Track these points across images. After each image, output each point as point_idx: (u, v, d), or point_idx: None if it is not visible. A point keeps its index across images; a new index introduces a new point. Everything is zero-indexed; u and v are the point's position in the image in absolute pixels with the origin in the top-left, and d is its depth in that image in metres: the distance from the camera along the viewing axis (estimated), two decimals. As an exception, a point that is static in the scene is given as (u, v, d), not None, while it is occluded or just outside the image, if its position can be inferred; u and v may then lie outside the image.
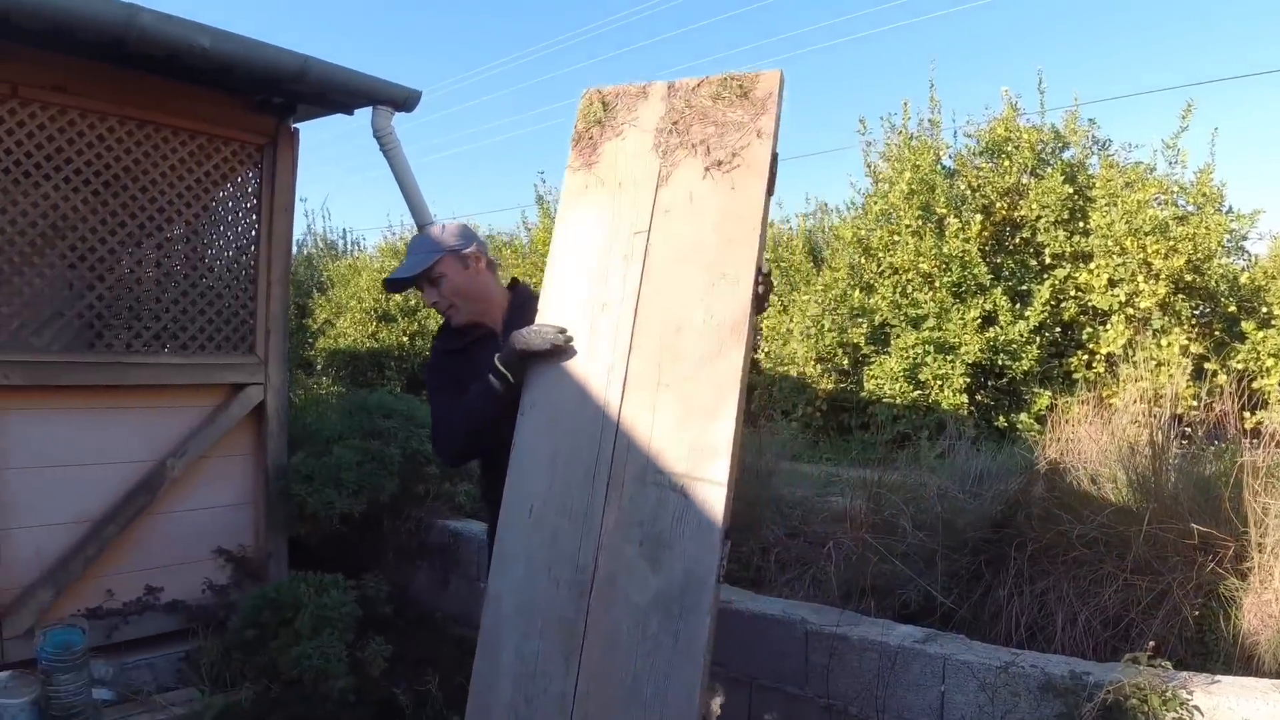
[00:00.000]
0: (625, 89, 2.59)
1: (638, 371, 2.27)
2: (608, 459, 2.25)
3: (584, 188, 2.55)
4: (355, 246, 17.79)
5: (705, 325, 2.20)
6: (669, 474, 2.15)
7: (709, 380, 2.16)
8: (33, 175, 3.78)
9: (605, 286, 2.40)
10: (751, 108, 2.31)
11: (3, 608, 3.65)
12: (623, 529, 2.19)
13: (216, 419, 4.17)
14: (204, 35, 3.60)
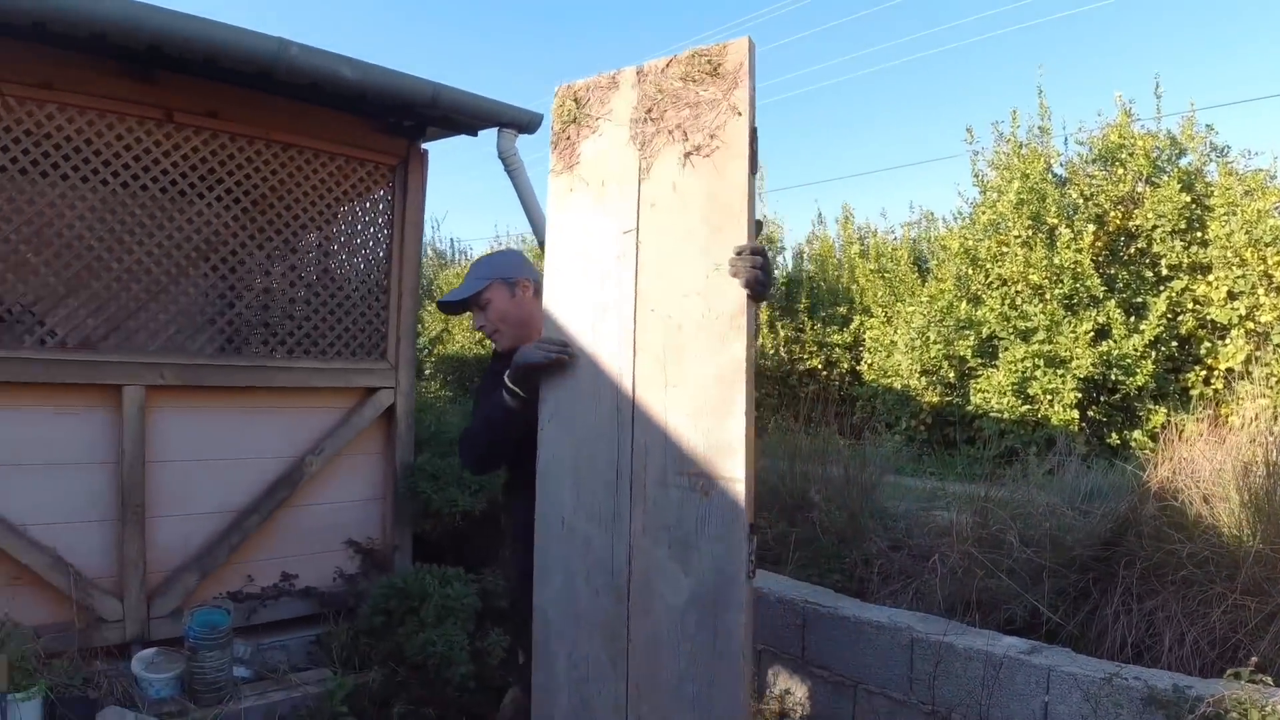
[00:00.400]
0: (596, 81, 2.48)
1: (645, 373, 2.23)
2: (628, 464, 2.24)
3: (569, 190, 2.49)
4: (463, 256, 18.37)
5: (705, 319, 2.13)
6: (687, 475, 2.13)
7: (715, 376, 2.10)
8: (188, 194, 4.14)
9: (603, 289, 2.35)
10: (723, 83, 2.16)
11: (151, 589, 4.00)
12: (651, 533, 2.18)
13: (351, 420, 4.49)
14: (346, 66, 3.90)
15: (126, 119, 3.95)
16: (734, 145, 2.12)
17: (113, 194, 3.96)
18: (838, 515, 4.59)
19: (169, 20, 3.52)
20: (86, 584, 3.78)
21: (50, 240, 3.83)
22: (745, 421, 2.05)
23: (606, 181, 2.39)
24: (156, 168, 4.00)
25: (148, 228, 4.02)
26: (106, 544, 3.88)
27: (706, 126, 2.17)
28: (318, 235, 4.76)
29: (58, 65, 3.74)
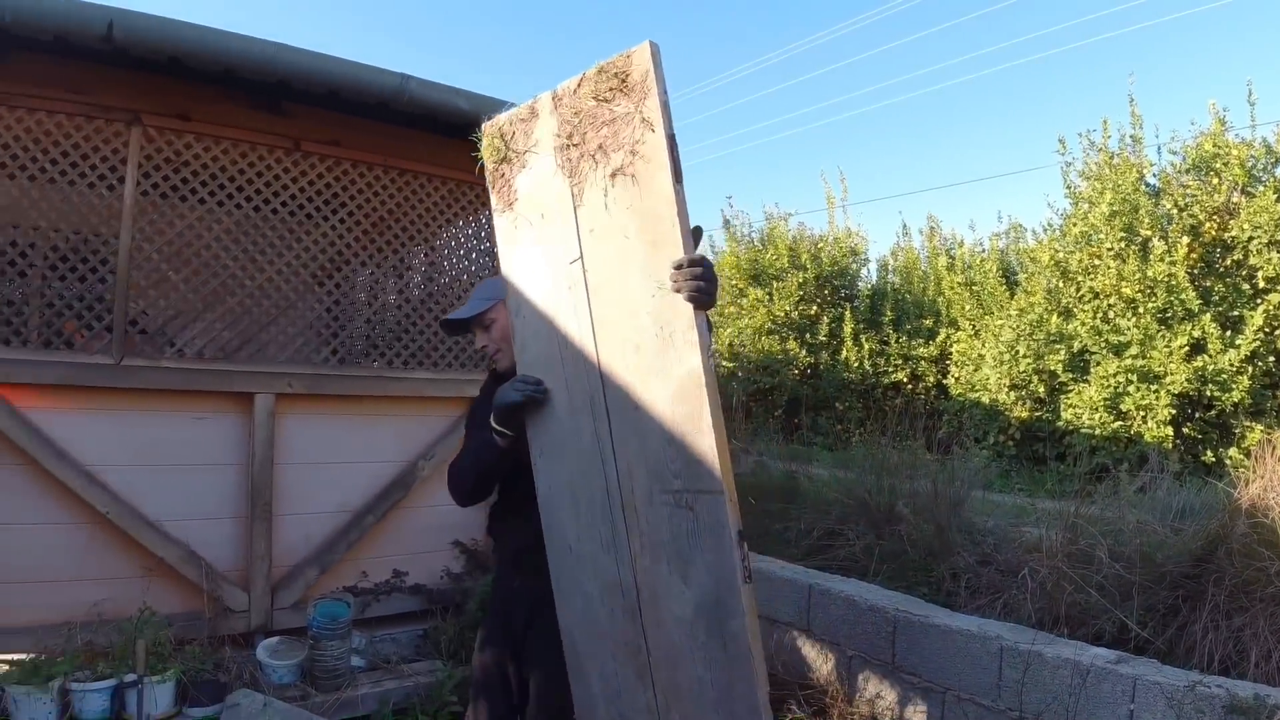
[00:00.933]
0: (515, 114, 2.42)
1: (615, 399, 2.21)
2: (616, 488, 2.23)
3: (513, 228, 2.46)
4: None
5: (659, 338, 2.09)
6: (671, 493, 2.11)
7: (677, 392, 2.06)
8: (314, 217, 4.45)
9: (563, 321, 2.33)
10: (633, 95, 2.08)
11: (275, 582, 4.30)
12: (649, 551, 2.18)
13: (459, 427, 4.72)
14: (461, 97, 4.16)
15: (258, 148, 4.28)
16: (654, 158, 2.06)
17: (245, 217, 4.28)
18: (925, 529, 4.63)
19: (297, 58, 3.83)
20: (216, 576, 4.09)
21: (189, 260, 4.17)
22: (714, 434, 2.01)
23: (545, 214, 2.36)
24: (285, 193, 4.32)
25: (277, 248, 4.34)
26: (235, 539, 4.20)
27: (625, 143, 2.12)
28: (433, 255, 5.03)
29: (193, 99, 4.08)
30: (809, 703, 3.77)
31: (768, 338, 11.60)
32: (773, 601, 4.20)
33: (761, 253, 12.32)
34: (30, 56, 3.68)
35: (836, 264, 12.00)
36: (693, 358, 2.02)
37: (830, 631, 3.91)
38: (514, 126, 2.42)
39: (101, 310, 3.94)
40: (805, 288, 11.74)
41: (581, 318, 2.28)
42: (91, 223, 4.07)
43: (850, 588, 3.96)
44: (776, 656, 4.04)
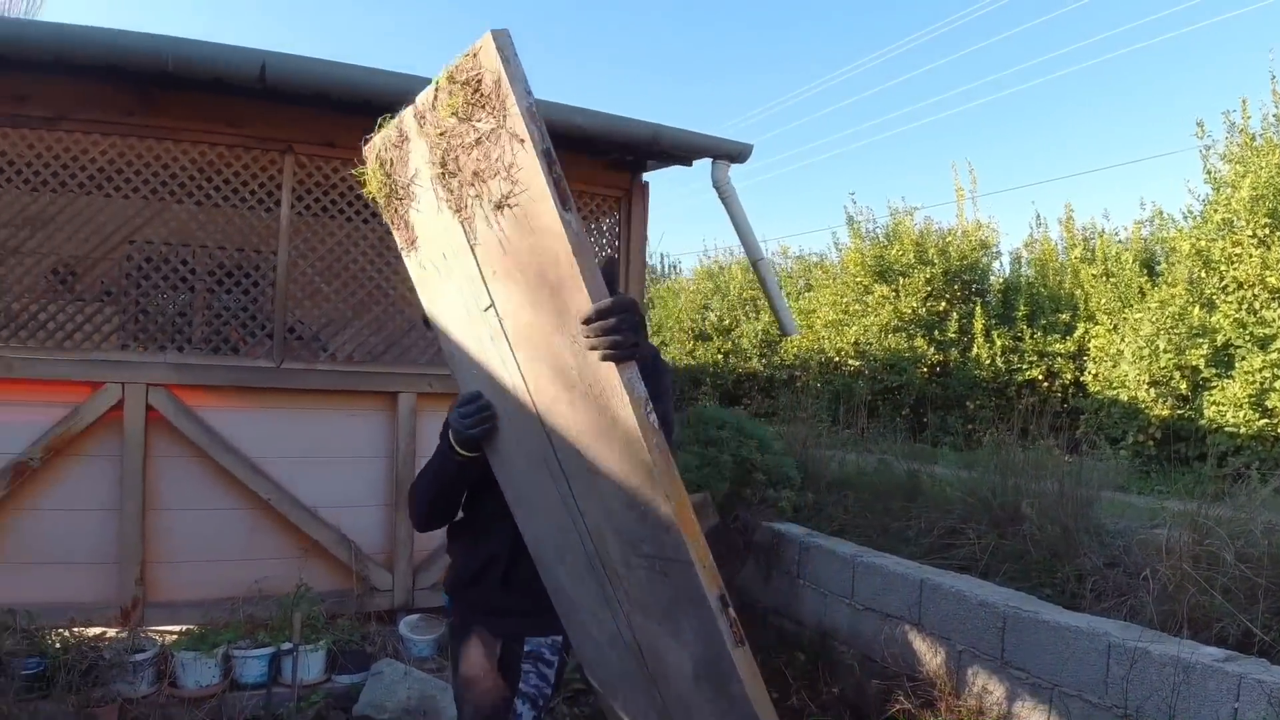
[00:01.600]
0: (386, 139, 2.01)
1: (567, 460, 1.88)
2: (592, 549, 1.96)
3: (421, 270, 2.08)
4: (673, 270, 19.06)
5: (589, 396, 1.74)
6: (642, 557, 1.84)
7: (625, 456, 1.72)
8: (448, 228, 4.80)
9: (496, 376, 1.99)
10: (493, 105, 1.68)
11: (416, 565, 4.71)
12: (640, 609, 1.94)
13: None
14: (579, 115, 4.43)
15: (397, 167, 4.65)
16: (532, 184, 1.65)
17: (387, 233, 4.66)
18: (1050, 529, 4.58)
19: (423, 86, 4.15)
20: (364, 558, 4.51)
21: (339, 272, 4.59)
22: (672, 501, 1.68)
23: (447, 255, 1.97)
24: (423, 208, 4.68)
25: (416, 259, 4.71)
26: (381, 525, 4.62)
27: (500, 167, 1.71)
28: None
29: (337, 127, 4.47)
30: (916, 694, 3.85)
31: (894, 335, 11.44)
32: (884, 595, 4.28)
33: (887, 249, 12.11)
34: (192, 96, 4.16)
35: (966, 258, 11.69)
36: (629, 419, 1.67)
37: (940, 626, 3.97)
38: (389, 153, 2.02)
39: (263, 319, 4.41)
40: (933, 283, 11.50)
41: (511, 372, 1.92)
42: (252, 241, 4.55)
43: (961, 583, 4.01)
44: (886, 649, 4.13)
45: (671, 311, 14.74)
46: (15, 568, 4.08)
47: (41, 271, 4.34)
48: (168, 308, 4.50)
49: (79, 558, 4.19)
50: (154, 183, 4.26)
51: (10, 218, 4.15)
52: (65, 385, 4.14)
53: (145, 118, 4.23)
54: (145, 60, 3.78)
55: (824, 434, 7.64)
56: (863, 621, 4.40)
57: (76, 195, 4.24)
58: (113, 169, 4.22)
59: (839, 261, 13.64)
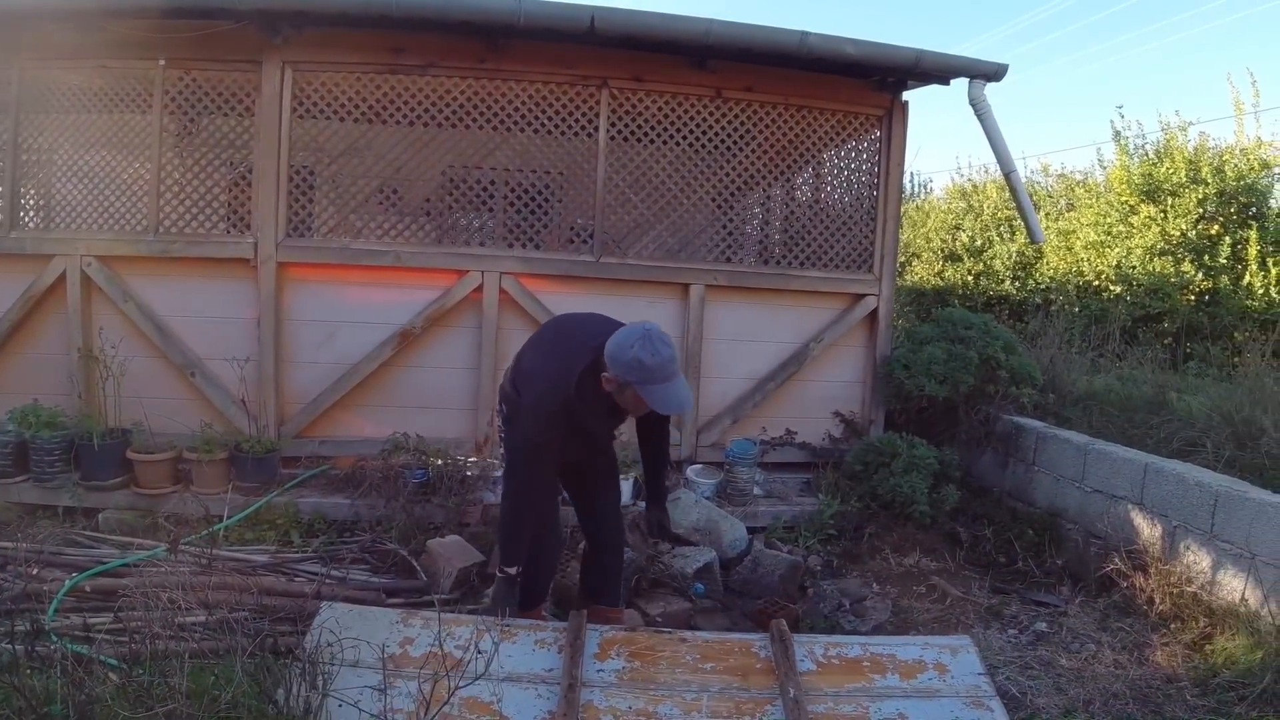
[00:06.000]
0: None
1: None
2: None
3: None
4: (923, 189, 18.84)
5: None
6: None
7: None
8: (731, 149, 5.66)
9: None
10: None
11: (700, 426, 5.78)
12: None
13: (843, 318, 5.83)
14: (849, 45, 5.09)
15: (690, 98, 5.56)
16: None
17: (683, 152, 5.60)
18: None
19: (720, 28, 5.00)
20: (660, 419, 5.58)
21: (644, 185, 5.58)
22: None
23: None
24: (710, 131, 5.60)
25: (705, 174, 5.66)
26: (674, 394, 5.68)
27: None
28: (825, 175, 6.12)
29: (644, 64, 5.41)
30: (1130, 559, 4.38)
31: (1160, 259, 11.04)
32: (1111, 479, 4.77)
33: (1156, 166, 11.53)
34: (528, 44, 5.20)
35: (1243, 178, 10.93)
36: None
37: (1159, 504, 4.44)
38: None
39: (586, 222, 5.50)
40: (1205, 204, 10.89)
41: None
42: (576, 162, 5.59)
43: (1182, 468, 4.44)
44: (1109, 524, 4.65)
45: (921, 231, 14.83)
46: (403, 409, 5.46)
47: (430, 189, 5.62)
48: (510, 215, 5.68)
49: (447, 403, 5.53)
50: (501, 115, 5.37)
51: (393, 145, 5.39)
52: (440, 273, 5.43)
53: (494, 62, 5.31)
54: (500, 16, 4.81)
55: (1073, 356, 7.84)
56: (1090, 502, 4.92)
57: (444, 128, 5.40)
58: (470, 105, 5.35)
59: (1103, 180, 13.12)
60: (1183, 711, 3.42)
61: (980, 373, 5.60)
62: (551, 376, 3.16)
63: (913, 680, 3.16)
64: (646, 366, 2.96)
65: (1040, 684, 3.62)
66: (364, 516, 4.85)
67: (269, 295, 5.24)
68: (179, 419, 5.12)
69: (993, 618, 4.36)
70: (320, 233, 5.41)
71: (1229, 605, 3.93)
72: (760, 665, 3.16)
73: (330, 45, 5.13)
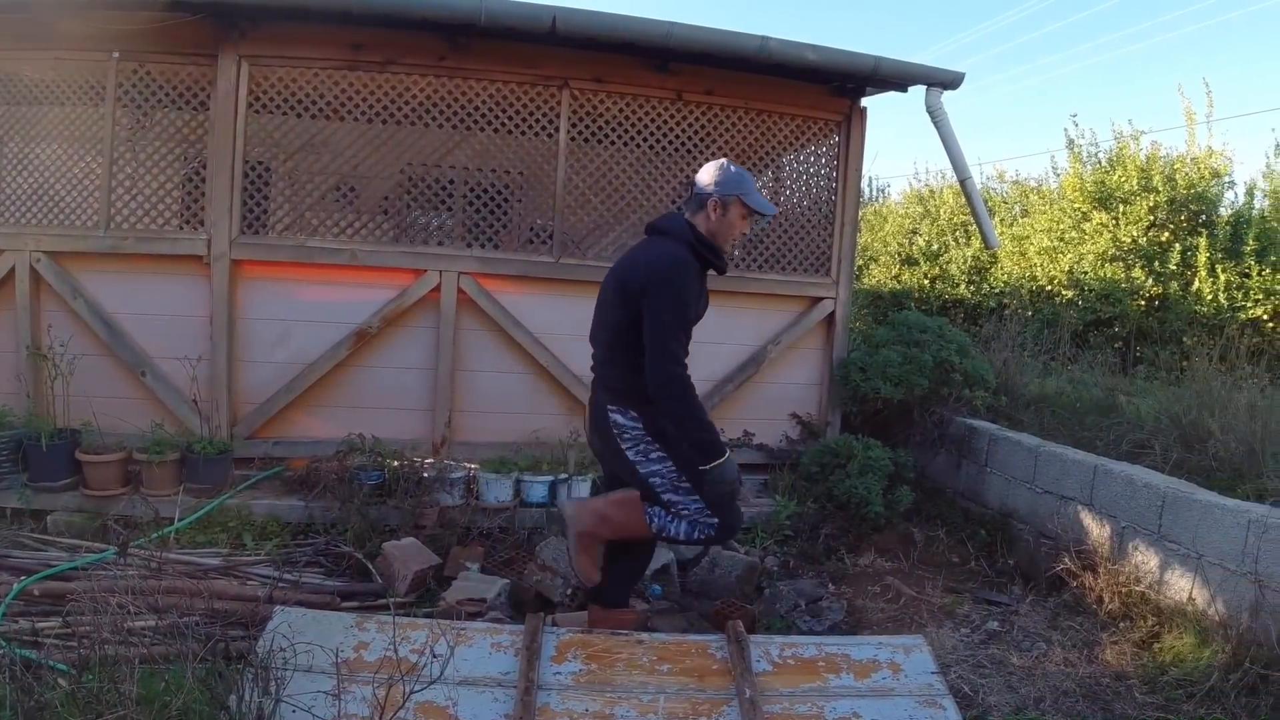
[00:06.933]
0: None
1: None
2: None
3: None
4: (881, 194, 19.08)
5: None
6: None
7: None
8: (692, 152, 5.68)
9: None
10: None
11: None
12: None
13: (800, 321, 5.87)
14: (809, 50, 5.14)
15: (650, 100, 5.58)
16: None
17: (642, 154, 5.61)
18: (1236, 448, 4.85)
19: (681, 30, 5.02)
20: (618, 420, 5.58)
21: (604, 187, 5.59)
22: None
23: None
24: (670, 134, 5.61)
25: (665, 176, 5.65)
26: (633, 395, 5.67)
27: None
28: (784, 179, 6.15)
29: (605, 65, 5.41)
30: (1080, 558, 4.47)
31: (1111, 265, 11.28)
32: (1062, 480, 4.86)
33: (1108, 174, 11.77)
34: (490, 43, 5.18)
35: (1194, 187, 11.21)
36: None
37: (1108, 505, 4.53)
38: None
39: (546, 223, 5.48)
40: (1156, 212, 11.15)
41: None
42: (536, 162, 5.58)
43: (1130, 470, 4.53)
44: (1059, 524, 4.74)
45: (879, 235, 14.99)
46: (359, 410, 5.40)
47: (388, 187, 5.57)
48: (469, 215, 5.64)
49: (404, 404, 5.48)
50: (461, 114, 5.34)
51: (350, 142, 5.33)
52: (397, 272, 5.38)
53: (455, 61, 5.28)
54: (462, 15, 4.78)
55: (1026, 359, 7.98)
56: (1041, 503, 5.01)
57: (403, 125, 5.35)
58: (430, 103, 5.31)
59: (1057, 187, 13.36)
60: (1131, 709, 3.49)
61: (934, 375, 5.68)
62: (667, 248, 3.34)
63: (867, 680, 3.20)
64: (743, 175, 3.36)
65: (992, 682, 3.68)
66: (318, 519, 4.79)
67: (222, 293, 5.16)
68: (130, 419, 5.02)
69: (946, 617, 4.42)
70: (276, 230, 5.34)
71: (1176, 604, 4.02)
72: (717, 666, 3.17)
73: (288, 40, 5.07)
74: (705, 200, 3.36)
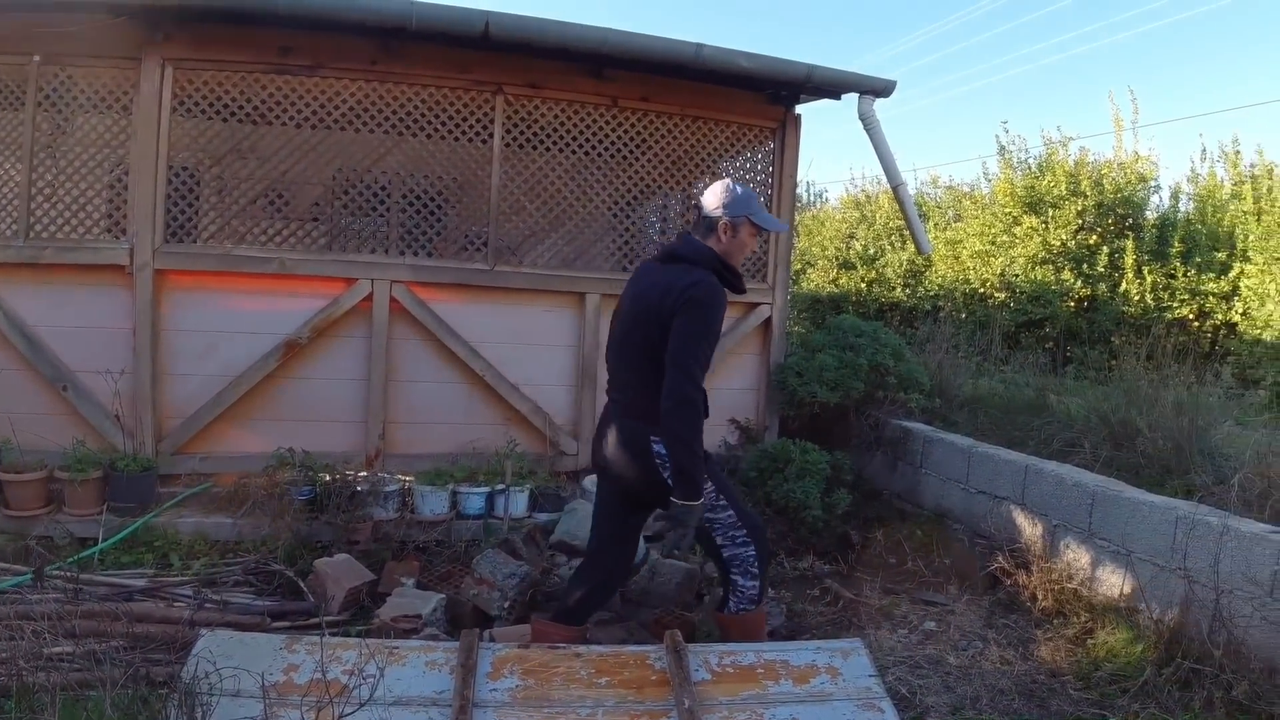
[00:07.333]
0: None
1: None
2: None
3: None
4: (819, 199, 19.37)
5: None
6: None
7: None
8: (628, 158, 5.66)
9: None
10: None
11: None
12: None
13: (738, 326, 5.89)
14: (743, 58, 5.15)
15: (586, 106, 5.55)
16: None
17: (578, 160, 5.58)
18: (1163, 445, 4.94)
19: (616, 37, 5.01)
20: (555, 427, 5.56)
21: (539, 193, 5.54)
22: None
23: None
24: (606, 140, 5.57)
25: (601, 183, 5.63)
26: (569, 402, 5.67)
27: None
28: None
29: (540, 71, 5.37)
30: (1014, 557, 4.54)
31: (1042, 268, 11.53)
32: (994, 480, 4.94)
33: (1038, 179, 12.05)
34: (422, 47, 5.10)
35: (1121, 191, 11.54)
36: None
37: (1040, 504, 4.61)
38: None
39: (480, 229, 5.41)
40: (1085, 216, 11.43)
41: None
42: (470, 169, 5.51)
43: (1060, 469, 4.62)
44: (992, 524, 4.81)
45: (817, 240, 15.16)
46: (288, 422, 5.26)
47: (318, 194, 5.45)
48: (403, 223, 5.55)
49: (336, 416, 5.36)
50: (393, 119, 5.25)
51: (279, 147, 5.20)
52: (328, 281, 5.26)
53: (386, 65, 5.18)
54: (392, 18, 4.70)
55: (960, 361, 8.11)
56: (974, 503, 5.08)
57: (333, 130, 5.24)
58: (361, 108, 5.21)
59: (989, 192, 13.64)
60: (1067, 705, 3.54)
61: (870, 379, 5.73)
62: (700, 275, 3.24)
63: (806, 685, 3.19)
64: (749, 194, 3.39)
65: (930, 682, 3.71)
66: (248, 536, 4.66)
67: (146, 304, 4.98)
68: (51, 436, 4.83)
69: (884, 618, 4.45)
70: (203, 238, 5.18)
71: (1109, 600, 4.10)
72: (655, 677, 3.14)
73: (213, 43, 4.92)
74: (715, 223, 3.34)
